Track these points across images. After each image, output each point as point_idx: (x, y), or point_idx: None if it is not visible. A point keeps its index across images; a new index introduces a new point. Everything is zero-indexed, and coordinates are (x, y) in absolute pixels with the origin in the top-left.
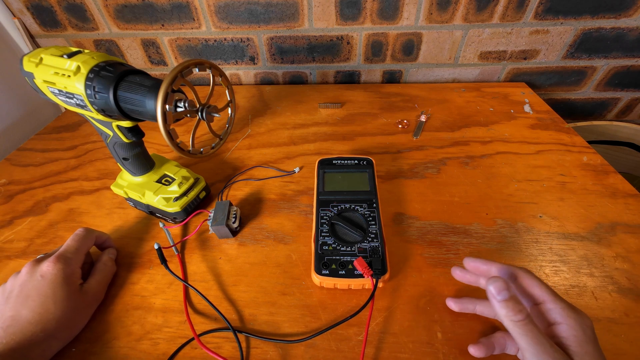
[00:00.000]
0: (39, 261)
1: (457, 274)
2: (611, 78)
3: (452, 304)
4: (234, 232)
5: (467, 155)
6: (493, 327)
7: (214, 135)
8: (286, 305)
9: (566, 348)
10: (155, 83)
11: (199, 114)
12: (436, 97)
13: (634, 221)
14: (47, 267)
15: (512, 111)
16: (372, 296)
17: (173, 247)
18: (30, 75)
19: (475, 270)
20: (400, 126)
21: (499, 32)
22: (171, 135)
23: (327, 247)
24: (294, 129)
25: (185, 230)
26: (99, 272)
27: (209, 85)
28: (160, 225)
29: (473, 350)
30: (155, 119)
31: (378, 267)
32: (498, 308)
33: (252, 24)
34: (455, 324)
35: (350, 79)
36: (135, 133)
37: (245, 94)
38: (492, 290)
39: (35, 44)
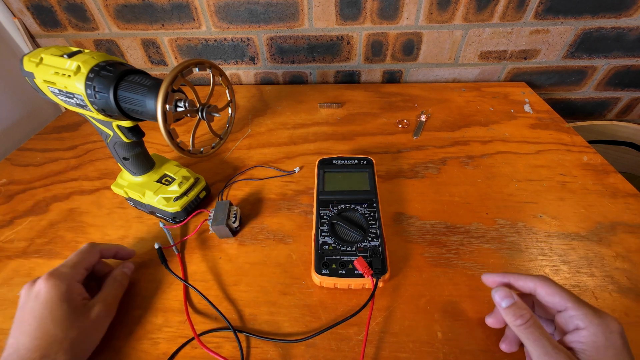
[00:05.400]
0: (34, 281)
1: (489, 321)
2: (611, 78)
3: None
4: (234, 232)
5: (467, 155)
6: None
7: (214, 135)
8: (286, 305)
9: (582, 353)
10: (156, 83)
11: (199, 113)
12: (436, 96)
13: (634, 221)
14: (39, 286)
15: (512, 111)
16: (372, 296)
17: (173, 247)
18: (31, 75)
19: (493, 285)
20: (400, 126)
21: (499, 31)
22: (171, 134)
23: (327, 247)
24: (294, 128)
25: (185, 230)
26: (108, 286)
27: (209, 85)
28: (161, 225)
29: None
30: (155, 118)
31: (378, 266)
32: (503, 315)
33: (252, 23)
34: (455, 323)
35: (350, 78)
36: (136, 133)
37: (245, 93)
38: (496, 298)
39: (35, 44)
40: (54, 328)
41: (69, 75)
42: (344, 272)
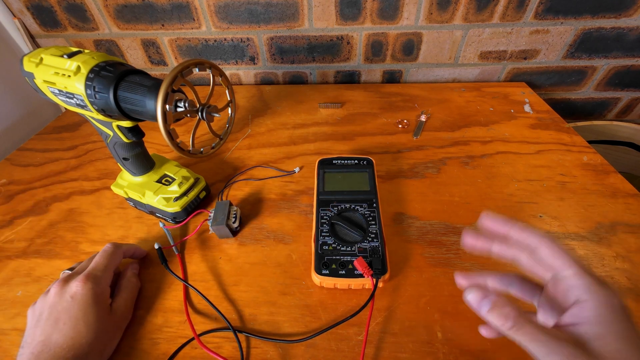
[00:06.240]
0: (66, 280)
1: (468, 241)
2: (611, 78)
3: (461, 281)
4: (234, 232)
5: (467, 155)
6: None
7: (214, 135)
8: (286, 305)
9: (585, 329)
10: (155, 83)
11: (199, 113)
12: (436, 97)
13: (634, 221)
14: (77, 288)
15: (512, 111)
16: (372, 296)
17: (173, 247)
18: (31, 75)
19: (493, 231)
20: (400, 126)
21: (499, 31)
22: (171, 135)
23: (327, 247)
24: (294, 128)
25: (185, 230)
26: (125, 289)
27: (209, 85)
28: (161, 225)
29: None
30: (155, 118)
31: (378, 266)
32: (488, 321)
33: (252, 24)
34: (455, 323)
35: (350, 78)
36: (136, 133)
37: (245, 94)
38: (472, 303)
39: (35, 44)
40: (86, 329)
41: (69, 76)
42: (344, 272)
